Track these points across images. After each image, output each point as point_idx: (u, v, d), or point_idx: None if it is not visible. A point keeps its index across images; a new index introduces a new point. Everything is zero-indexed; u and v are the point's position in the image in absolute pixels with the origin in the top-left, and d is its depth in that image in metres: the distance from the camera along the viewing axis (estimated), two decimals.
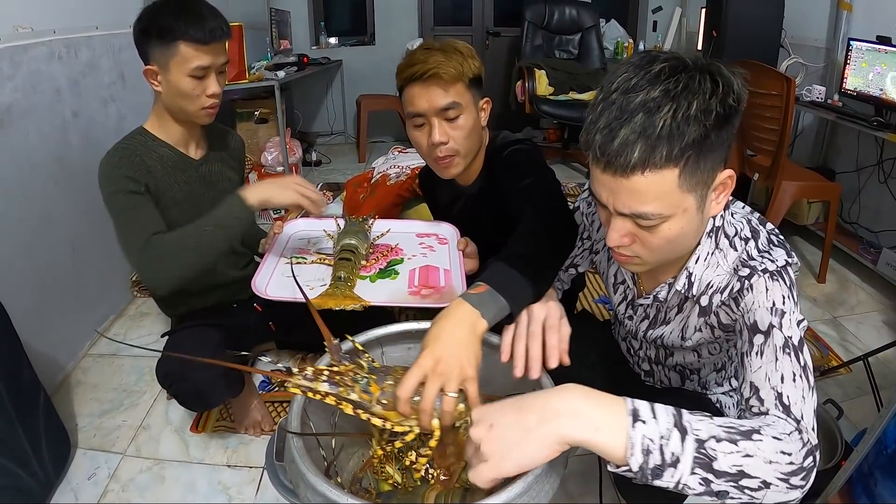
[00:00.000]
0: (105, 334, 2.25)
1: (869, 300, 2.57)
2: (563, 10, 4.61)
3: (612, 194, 0.82)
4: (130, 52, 2.43)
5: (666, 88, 0.75)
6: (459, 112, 1.36)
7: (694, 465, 0.67)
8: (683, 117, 0.74)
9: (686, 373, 1.22)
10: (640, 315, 1.16)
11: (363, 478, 1.02)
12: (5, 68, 1.76)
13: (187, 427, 1.78)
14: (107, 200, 1.38)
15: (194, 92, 1.41)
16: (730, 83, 0.77)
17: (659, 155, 0.75)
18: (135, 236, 1.33)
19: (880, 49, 2.65)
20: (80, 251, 2.12)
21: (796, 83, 2.46)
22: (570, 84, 4.28)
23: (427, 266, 1.45)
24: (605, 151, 0.77)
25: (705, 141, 0.76)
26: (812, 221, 3.06)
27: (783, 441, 0.72)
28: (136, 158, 1.43)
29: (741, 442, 0.70)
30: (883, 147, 2.79)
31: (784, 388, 0.80)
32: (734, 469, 0.68)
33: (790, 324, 0.85)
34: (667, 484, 0.68)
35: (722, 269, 0.95)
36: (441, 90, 1.33)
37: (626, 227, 0.85)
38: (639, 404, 0.70)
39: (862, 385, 1.89)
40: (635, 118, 0.75)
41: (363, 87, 5.10)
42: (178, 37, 1.35)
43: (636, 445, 0.67)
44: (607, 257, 1.22)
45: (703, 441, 0.68)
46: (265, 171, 3.55)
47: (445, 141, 1.37)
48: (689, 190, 0.80)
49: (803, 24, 3.40)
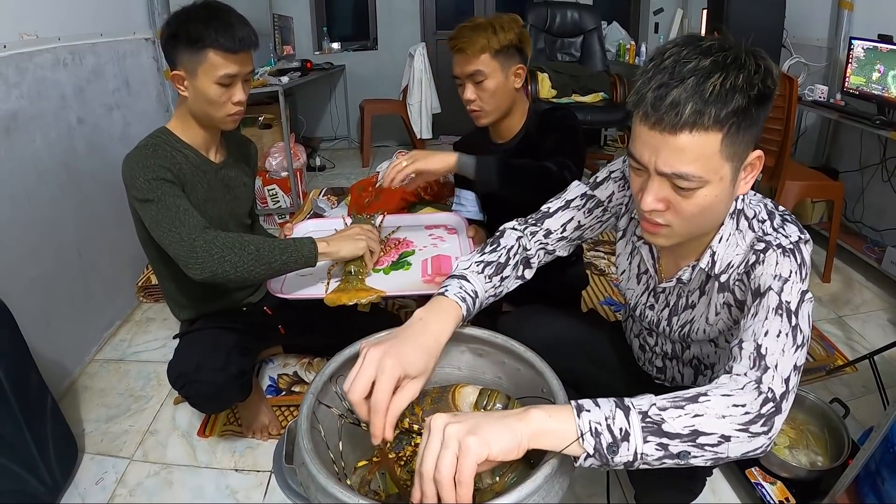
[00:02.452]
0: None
1: (874, 299, 2.56)
2: (564, 13, 4.62)
3: (656, 152, 0.85)
4: (135, 59, 2.48)
5: (716, 59, 0.80)
6: (483, 78, 1.60)
7: (645, 434, 0.73)
8: (731, 86, 0.79)
9: (701, 367, 1.23)
10: (662, 303, 1.17)
11: (372, 480, 1.02)
12: (11, 75, 1.77)
13: (194, 431, 1.78)
14: (143, 188, 1.36)
15: (220, 99, 1.42)
16: (770, 68, 0.83)
17: (708, 116, 0.80)
18: (187, 220, 1.33)
19: (882, 48, 2.65)
20: (86, 257, 2.13)
21: (798, 83, 2.46)
22: (573, 87, 4.28)
23: (438, 256, 1.54)
24: (658, 108, 0.81)
25: (748, 112, 0.81)
26: (816, 221, 3.06)
27: (734, 395, 0.77)
28: (168, 153, 1.45)
29: (687, 405, 0.75)
30: (886, 145, 2.79)
31: (766, 340, 0.84)
32: (686, 430, 0.73)
33: (790, 290, 0.88)
34: (626, 459, 0.73)
35: (741, 248, 0.98)
36: (467, 60, 1.60)
37: (663, 190, 0.88)
38: (582, 401, 0.76)
39: (868, 384, 1.89)
40: (687, 80, 0.80)
41: (366, 92, 5.12)
42: (208, 45, 1.35)
43: (585, 430, 0.73)
44: (631, 249, 1.22)
45: (645, 412, 0.74)
46: (269, 176, 3.56)
47: (473, 99, 1.64)
48: (727, 158, 0.84)
49: (805, 24, 3.40)
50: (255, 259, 1.33)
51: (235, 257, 1.31)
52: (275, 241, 1.39)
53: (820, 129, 3.34)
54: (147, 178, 1.36)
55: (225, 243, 1.32)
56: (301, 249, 1.39)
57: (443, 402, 1.00)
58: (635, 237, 1.18)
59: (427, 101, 4.60)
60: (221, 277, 1.32)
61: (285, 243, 1.38)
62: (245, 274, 1.33)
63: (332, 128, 5.36)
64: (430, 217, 1.78)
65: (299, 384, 1.96)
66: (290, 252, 1.37)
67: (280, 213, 3.59)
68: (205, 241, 1.31)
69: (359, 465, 1.06)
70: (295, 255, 1.38)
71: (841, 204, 2.66)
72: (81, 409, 1.89)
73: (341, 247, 1.44)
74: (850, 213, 3.11)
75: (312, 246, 1.40)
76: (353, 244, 1.46)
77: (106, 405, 1.92)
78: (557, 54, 4.71)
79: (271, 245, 1.36)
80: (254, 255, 1.33)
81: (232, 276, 1.32)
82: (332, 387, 1.04)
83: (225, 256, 1.30)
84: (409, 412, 1.02)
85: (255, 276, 1.35)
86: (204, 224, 1.35)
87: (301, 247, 1.39)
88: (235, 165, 1.66)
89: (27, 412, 1.47)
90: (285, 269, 1.39)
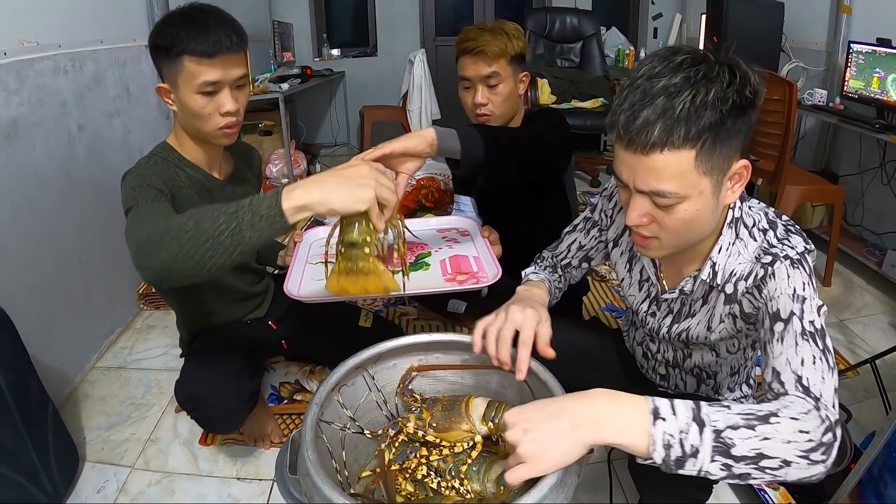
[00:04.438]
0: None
1: (875, 302, 2.56)
2: (564, 18, 4.63)
3: (633, 172, 0.87)
4: (135, 66, 2.48)
5: (687, 76, 0.81)
6: (499, 81, 1.64)
7: (713, 454, 0.71)
8: (701, 102, 0.80)
9: (703, 376, 1.23)
10: (664, 311, 1.17)
11: (375, 490, 1.02)
12: (11, 82, 1.77)
13: (196, 440, 1.77)
14: (127, 197, 1.21)
15: (205, 111, 1.29)
16: (747, 76, 0.83)
17: (677, 135, 0.81)
18: (151, 220, 1.11)
19: (880, 51, 2.66)
20: (87, 264, 2.12)
21: (798, 87, 2.47)
22: (573, 92, 4.29)
23: (456, 256, 1.52)
24: (628, 130, 0.83)
25: (721, 126, 0.82)
26: (816, 225, 3.06)
27: (801, 420, 0.75)
28: (167, 168, 1.35)
29: (759, 426, 0.73)
30: (885, 149, 2.80)
31: (804, 370, 0.83)
32: (753, 452, 0.72)
33: (811, 309, 0.88)
34: (689, 472, 0.72)
35: (743, 257, 0.98)
36: (485, 63, 1.62)
37: (645, 206, 0.90)
38: (659, 402, 0.74)
39: (870, 388, 1.89)
40: (657, 101, 0.81)
41: (366, 98, 5.13)
42: (182, 50, 1.23)
43: (657, 442, 0.72)
44: (629, 257, 1.23)
45: (720, 431, 0.72)
46: (270, 182, 3.57)
47: (485, 103, 1.66)
48: (705, 173, 0.85)
49: (803, 28, 3.41)
50: (195, 235, 0.92)
51: (171, 240, 0.93)
52: (223, 206, 0.95)
53: (819, 133, 3.35)
54: (133, 185, 1.23)
55: (161, 227, 0.97)
56: (259, 206, 0.91)
57: (455, 411, 1.01)
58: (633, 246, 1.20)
59: (427, 107, 4.62)
60: (161, 272, 0.95)
61: (237, 204, 0.93)
62: (189, 260, 0.93)
63: (332, 134, 5.37)
64: (441, 220, 1.77)
65: (301, 392, 1.95)
66: (240, 215, 0.91)
67: None
68: (146, 233, 1.00)
69: (363, 474, 1.06)
70: (248, 216, 0.91)
71: (841, 208, 2.67)
72: (82, 417, 1.88)
73: (332, 194, 0.92)
74: (851, 217, 3.11)
75: (275, 197, 0.91)
76: (353, 191, 0.92)
77: (107, 413, 1.91)
78: (557, 60, 4.72)
79: (214, 212, 0.93)
80: (192, 232, 0.92)
81: (174, 266, 0.94)
82: (335, 396, 1.04)
83: (162, 242, 0.94)
84: (416, 417, 1.02)
85: (205, 261, 0.93)
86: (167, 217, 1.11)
87: (260, 202, 0.92)
88: (242, 179, 1.57)
89: (28, 420, 1.47)
90: (244, 241, 0.92)
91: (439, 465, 0.99)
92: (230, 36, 1.26)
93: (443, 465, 0.99)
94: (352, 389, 1.10)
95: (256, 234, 0.92)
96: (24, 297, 1.76)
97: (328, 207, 0.92)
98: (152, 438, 1.79)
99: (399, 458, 1.04)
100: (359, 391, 1.13)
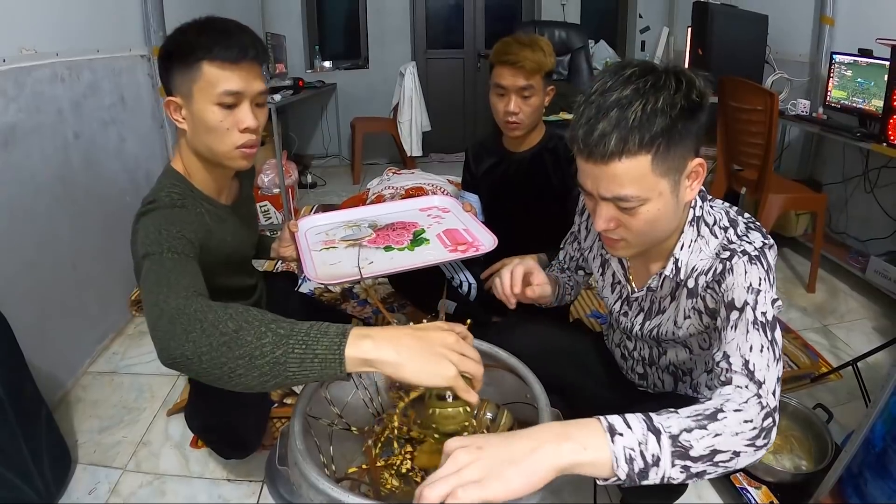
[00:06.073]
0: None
1: (858, 308, 2.60)
2: (552, 31, 4.68)
3: (596, 181, 0.93)
4: (130, 76, 2.51)
5: (636, 87, 0.87)
6: (532, 94, 1.77)
7: (673, 459, 0.75)
8: (652, 110, 0.86)
9: (679, 374, 1.26)
10: (636, 310, 1.21)
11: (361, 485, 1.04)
12: (9, 89, 1.80)
13: (187, 442, 1.79)
14: (149, 242, 1.06)
15: (223, 125, 1.16)
16: (692, 81, 0.89)
17: (632, 143, 0.86)
18: (175, 282, 0.95)
19: (861, 62, 2.72)
20: (81, 269, 2.14)
21: (781, 98, 2.52)
22: (561, 104, 4.32)
23: (448, 229, 1.66)
24: (587, 143, 0.89)
25: (673, 130, 0.87)
26: (801, 233, 3.11)
27: (743, 411, 0.81)
28: (199, 211, 1.22)
29: (710, 424, 0.77)
30: (868, 157, 2.85)
31: (751, 356, 0.89)
32: (708, 450, 0.76)
33: (764, 301, 0.93)
34: (653, 481, 0.75)
35: (705, 254, 1.03)
36: (523, 76, 1.73)
37: (610, 211, 0.96)
38: (612, 419, 0.75)
39: (853, 391, 1.92)
40: (611, 113, 0.86)
41: (357, 110, 5.16)
42: (202, 56, 1.12)
43: (619, 458, 0.73)
44: (601, 262, 1.28)
45: (675, 436, 0.76)
46: (261, 192, 3.60)
47: (517, 112, 1.78)
48: (662, 175, 0.91)
49: (787, 40, 3.48)
50: (231, 343, 0.79)
51: (201, 335, 0.81)
52: (273, 319, 0.82)
53: (804, 142, 3.41)
54: (160, 226, 1.08)
55: (196, 312, 0.85)
56: (316, 342, 0.78)
57: None
58: (604, 250, 1.26)
59: (417, 120, 4.66)
60: (183, 364, 0.83)
61: (291, 325, 0.81)
62: (215, 368, 0.80)
63: (323, 145, 5.40)
64: (420, 200, 1.93)
65: (291, 395, 1.97)
66: (291, 343, 0.78)
67: (272, 229, 3.61)
68: (176, 309, 0.87)
69: (350, 470, 1.08)
70: (300, 348, 0.77)
71: (824, 215, 2.71)
72: (75, 420, 1.90)
73: (408, 360, 0.78)
74: (835, 224, 3.16)
75: (339, 339, 0.78)
76: (432, 363, 0.79)
77: (99, 416, 1.92)
78: None
79: (262, 324, 0.80)
80: (230, 338, 0.80)
81: (194, 366, 0.81)
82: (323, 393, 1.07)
83: (189, 332, 0.82)
84: (401, 415, 1.05)
85: (233, 377, 0.80)
86: (194, 289, 0.95)
87: (319, 337, 0.78)
88: (246, 198, 1.49)
89: (22, 421, 1.49)
90: (285, 376, 0.78)
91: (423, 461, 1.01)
92: (255, 44, 1.17)
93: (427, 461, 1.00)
94: (339, 387, 1.13)
95: (303, 374, 0.78)
96: (19, 301, 1.77)
97: (399, 374, 0.78)
98: (144, 441, 1.81)
99: (385, 455, 1.07)
100: (346, 388, 1.16)
